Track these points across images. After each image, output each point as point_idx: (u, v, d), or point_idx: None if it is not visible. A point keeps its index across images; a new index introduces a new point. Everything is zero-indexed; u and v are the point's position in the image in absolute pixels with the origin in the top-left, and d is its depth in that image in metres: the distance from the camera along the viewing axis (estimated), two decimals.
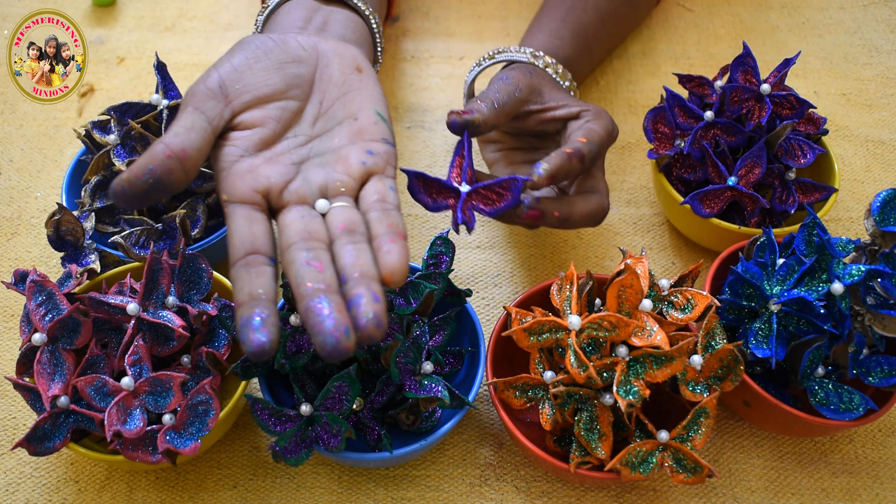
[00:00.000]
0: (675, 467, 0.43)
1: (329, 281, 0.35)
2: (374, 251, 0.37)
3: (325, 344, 0.32)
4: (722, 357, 0.45)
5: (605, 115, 0.52)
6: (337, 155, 0.42)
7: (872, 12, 0.83)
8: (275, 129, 0.42)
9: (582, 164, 0.48)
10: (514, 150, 0.58)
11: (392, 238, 0.37)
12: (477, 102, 0.49)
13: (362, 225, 0.39)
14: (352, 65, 0.46)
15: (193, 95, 0.41)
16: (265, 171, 0.40)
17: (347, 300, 0.34)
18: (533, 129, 0.55)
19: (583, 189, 0.51)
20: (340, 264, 0.36)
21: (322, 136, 0.43)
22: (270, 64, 0.43)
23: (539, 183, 0.45)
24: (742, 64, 0.57)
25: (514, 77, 0.53)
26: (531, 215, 0.47)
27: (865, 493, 0.50)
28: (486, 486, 0.50)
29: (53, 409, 0.43)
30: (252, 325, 0.33)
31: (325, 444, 0.43)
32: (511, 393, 0.47)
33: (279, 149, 0.42)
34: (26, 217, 0.64)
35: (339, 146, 0.43)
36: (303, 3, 0.54)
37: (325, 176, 0.41)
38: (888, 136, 0.71)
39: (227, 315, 0.47)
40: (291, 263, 0.36)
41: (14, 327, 0.57)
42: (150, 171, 0.36)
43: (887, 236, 0.46)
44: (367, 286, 0.35)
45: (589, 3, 0.66)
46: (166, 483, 0.50)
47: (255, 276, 0.35)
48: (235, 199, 0.38)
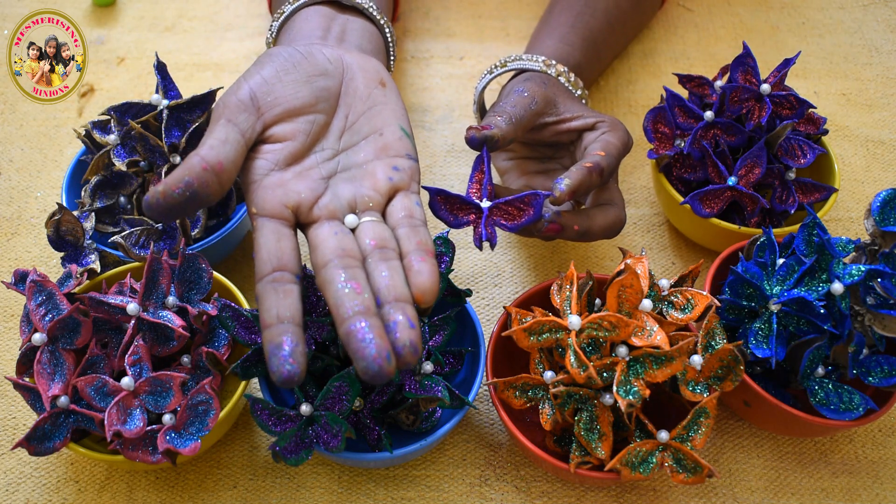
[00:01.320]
0: (675, 467, 0.43)
1: (367, 303, 0.36)
2: (405, 269, 0.38)
3: (368, 369, 0.33)
4: (722, 357, 0.45)
5: (621, 127, 0.53)
6: (364, 170, 0.43)
7: (872, 12, 0.83)
8: (304, 143, 0.42)
9: (601, 178, 0.48)
10: (527, 159, 0.58)
11: (422, 257, 0.38)
12: (494, 117, 0.49)
13: (392, 240, 0.39)
14: (376, 79, 0.46)
15: (226, 107, 0.41)
16: (295, 187, 0.40)
17: (384, 325, 0.35)
18: (547, 140, 0.55)
19: (599, 201, 0.51)
20: (375, 285, 0.37)
21: (348, 150, 0.44)
22: (299, 77, 0.43)
23: (561, 198, 0.45)
24: (742, 64, 0.57)
25: (530, 89, 0.53)
26: (552, 229, 0.47)
27: (865, 493, 0.50)
28: (486, 486, 0.50)
29: (53, 409, 0.43)
30: (282, 356, 0.34)
31: (325, 444, 0.43)
32: (511, 393, 0.47)
33: (308, 163, 0.42)
34: (26, 217, 0.64)
35: (364, 161, 0.43)
36: (319, 10, 0.54)
37: (354, 191, 0.42)
38: (888, 136, 0.71)
39: (227, 315, 0.47)
40: (329, 283, 0.36)
41: (14, 327, 0.57)
42: (186, 183, 0.37)
43: (887, 236, 0.46)
44: (403, 311, 0.35)
45: (598, 8, 0.66)
46: (166, 483, 0.50)
47: (282, 296, 0.36)
48: (265, 213, 0.39)
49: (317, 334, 0.46)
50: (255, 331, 0.47)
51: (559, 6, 0.66)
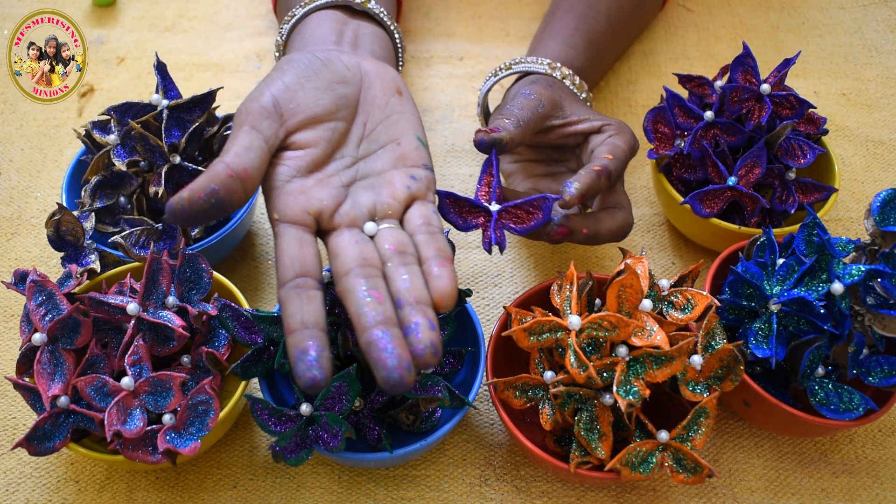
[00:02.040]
0: (675, 467, 0.43)
1: (388, 313, 0.36)
2: (425, 275, 0.38)
3: (388, 378, 0.33)
4: (722, 357, 0.45)
5: (627, 130, 0.53)
6: (382, 179, 0.43)
7: (872, 12, 0.83)
8: (325, 150, 0.43)
9: (609, 182, 0.48)
10: (533, 161, 0.58)
11: (441, 262, 0.39)
12: (502, 120, 0.49)
13: (411, 246, 0.40)
14: (392, 87, 0.46)
15: (249, 114, 0.41)
16: (317, 194, 0.41)
17: (404, 327, 0.35)
18: (553, 143, 0.55)
19: (607, 204, 0.51)
20: (395, 288, 0.37)
21: (367, 158, 0.44)
22: (320, 84, 0.44)
23: (570, 202, 0.45)
24: (742, 64, 0.57)
25: (537, 92, 0.53)
26: (560, 232, 0.47)
27: (865, 493, 0.50)
28: (486, 486, 0.50)
29: (53, 409, 0.43)
30: (308, 361, 0.34)
31: (325, 444, 0.43)
32: (511, 393, 0.47)
33: (329, 170, 0.42)
34: (26, 217, 0.64)
35: (382, 170, 0.44)
36: (331, 15, 0.54)
37: (374, 199, 0.42)
38: (888, 136, 0.71)
39: (227, 315, 0.47)
40: (351, 292, 0.37)
41: (14, 327, 0.57)
42: (212, 190, 0.37)
43: (887, 236, 0.46)
44: (424, 313, 0.36)
45: (601, 11, 0.66)
46: (166, 483, 0.50)
47: (306, 301, 0.36)
48: (287, 219, 0.39)
49: None
50: (255, 331, 0.47)
51: (561, 8, 0.66)
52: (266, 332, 0.46)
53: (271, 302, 0.59)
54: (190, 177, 0.54)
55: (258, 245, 0.63)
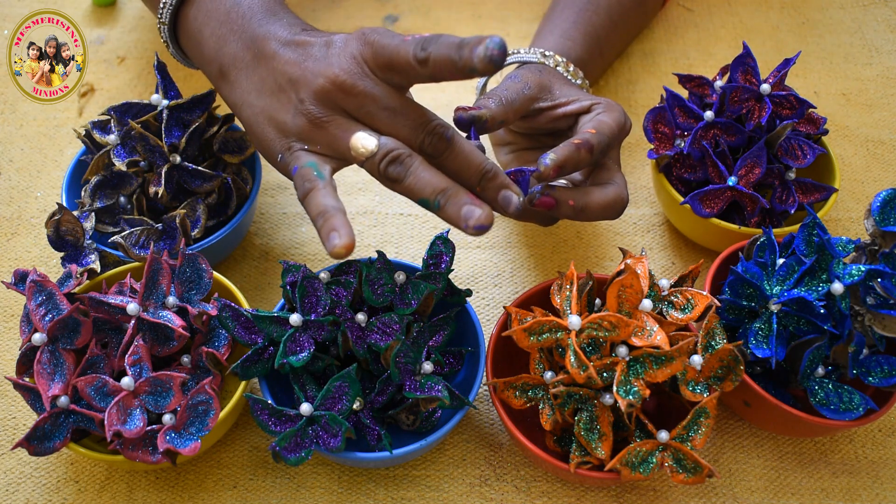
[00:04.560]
0: (675, 467, 0.43)
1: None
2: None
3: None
4: (722, 357, 0.45)
5: (617, 108, 0.51)
6: None
7: (872, 12, 0.83)
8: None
9: (591, 156, 0.47)
10: (528, 150, 0.58)
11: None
12: (485, 99, 0.49)
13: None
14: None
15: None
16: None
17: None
18: (545, 128, 0.54)
19: (598, 181, 0.50)
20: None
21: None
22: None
23: (545, 173, 0.45)
24: (742, 64, 0.57)
25: (523, 75, 0.52)
26: (544, 202, 0.46)
27: (865, 493, 0.50)
28: (486, 486, 0.50)
29: (53, 409, 0.43)
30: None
31: (325, 444, 0.43)
32: (511, 393, 0.47)
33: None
34: (26, 217, 0.64)
35: None
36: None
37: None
38: (888, 136, 0.71)
39: (227, 315, 0.47)
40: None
41: (14, 327, 0.57)
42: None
43: (887, 236, 0.46)
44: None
45: (601, 6, 0.66)
46: (166, 483, 0.50)
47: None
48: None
49: (317, 334, 0.46)
50: (255, 331, 0.47)
51: (561, 4, 0.66)
52: (266, 332, 0.46)
53: (271, 302, 0.59)
54: (190, 177, 0.54)
55: (258, 245, 0.63)
